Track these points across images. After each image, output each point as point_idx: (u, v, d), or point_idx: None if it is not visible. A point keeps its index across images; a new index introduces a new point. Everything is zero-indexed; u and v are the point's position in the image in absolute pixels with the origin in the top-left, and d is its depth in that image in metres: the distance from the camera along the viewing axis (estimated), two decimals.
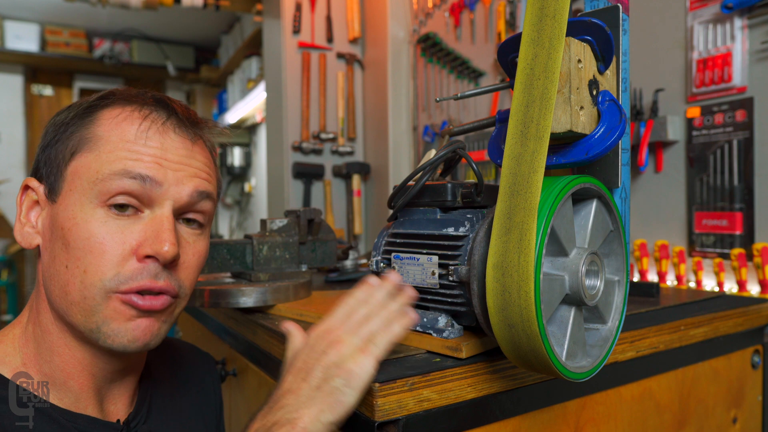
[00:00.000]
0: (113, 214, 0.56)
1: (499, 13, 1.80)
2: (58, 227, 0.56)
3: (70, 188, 0.57)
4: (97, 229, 0.55)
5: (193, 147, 0.61)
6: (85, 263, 0.55)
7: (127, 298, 0.56)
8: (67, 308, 0.56)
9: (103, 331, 0.56)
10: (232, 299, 0.91)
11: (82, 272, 0.55)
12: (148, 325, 0.58)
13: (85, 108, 0.60)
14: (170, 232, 0.57)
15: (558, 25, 0.54)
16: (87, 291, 0.55)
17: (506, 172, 0.55)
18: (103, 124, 0.58)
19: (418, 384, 0.58)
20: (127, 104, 0.60)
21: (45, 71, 4.56)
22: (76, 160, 0.57)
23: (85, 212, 0.55)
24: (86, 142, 0.57)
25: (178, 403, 0.74)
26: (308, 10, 2.37)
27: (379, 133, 2.35)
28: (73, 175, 0.57)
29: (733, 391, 0.96)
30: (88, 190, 0.56)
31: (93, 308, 0.55)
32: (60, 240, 0.56)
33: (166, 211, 0.58)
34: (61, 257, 0.56)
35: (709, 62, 1.21)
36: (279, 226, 1.01)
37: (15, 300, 4.03)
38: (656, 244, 1.31)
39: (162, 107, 0.61)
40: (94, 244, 0.55)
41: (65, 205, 0.56)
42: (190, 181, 0.60)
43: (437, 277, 0.66)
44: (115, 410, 0.65)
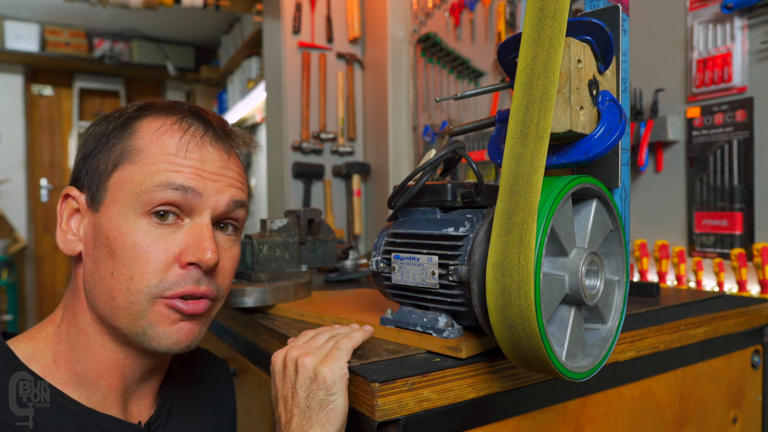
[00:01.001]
0: (155, 223, 0.59)
1: (499, 13, 1.80)
2: (102, 236, 0.59)
3: (114, 198, 0.59)
4: (142, 238, 0.58)
5: (229, 158, 0.65)
6: (131, 270, 0.57)
7: (172, 303, 0.59)
8: (112, 312, 0.59)
9: (149, 334, 0.59)
10: (232, 299, 0.91)
11: (128, 279, 0.58)
12: (190, 328, 0.61)
13: (125, 120, 0.62)
14: (211, 240, 0.60)
15: (558, 25, 0.54)
16: (133, 297, 0.58)
17: (506, 172, 0.55)
18: (144, 136, 0.61)
19: (418, 384, 0.58)
20: (167, 116, 0.63)
21: (45, 71, 4.56)
22: (118, 172, 0.59)
23: (129, 222, 0.58)
24: (128, 154, 0.60)
25: (195, 408, 0.76)
26: (308, 10, 2.37)
27: (379, 133, 2.35)
28: (116, 186, 0.59)
29: (733, 391, 0.96)
30: (132, 201, 0.58)
31: (139, 312, 0.58)
32: (105, 248, 0.58)
33: (206, 220, 0.61)
34: (106, 264, 0.58)
35: (709, 62, 1.21)
36: (279, 226, 1.01)
37: (15, 300, 4.03)
38: (656, 244, 1.31)
39: (199, 120, 0.63)
40: (139, 252, 0.58)
41: (109, 214, 0.59)
42: (227, 191, 0.63)
43: (437, 277, 0.66)
44: (137, 411, 0.66)
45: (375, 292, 1.05)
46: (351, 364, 0.62)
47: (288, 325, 0.85)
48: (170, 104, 0.65)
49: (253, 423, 0.95)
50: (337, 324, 0.76)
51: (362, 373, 0.59)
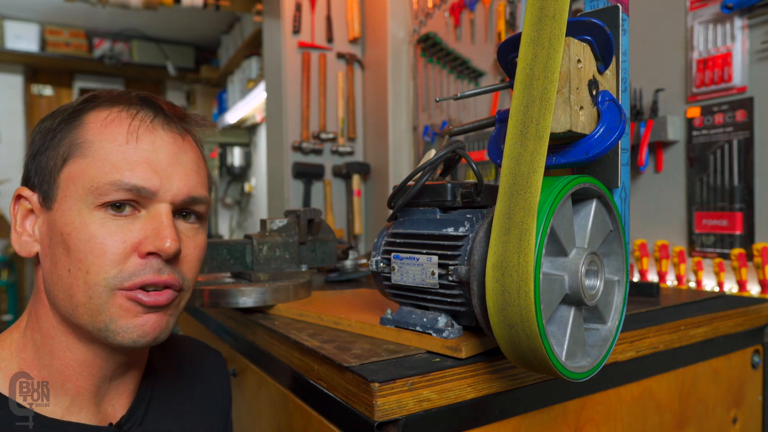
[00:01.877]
0: (111, 214, 0.57)
1: (499, 13, 1.80)
2: (57, 233, 0.57)
3: (65, 194, 0.57)
4: (97, 230, 0.56)
5: (183, 143, 0.62)
6: (87, 264, 0.56)
7: (132, 295, 0.57)
8: (72, 310, 0.57)
9: (111, 329, 0.57)
10: (232, 299, 0.91)
11: (84, 273, 0.56)
12: (156, 320, 0.59)
13: (70, 113, 0.60)
14: (170, 228, 0.58)
15: (558, 25, 0.54)
16: (91, 291, 0.56)
17: (506, 172, 0.55)
18: (92, 128, 0.59)
19: (418, 384, 0.58)
20: (113, 105, 0.61)
21: (45, 71, 4.56)
22: (68, 166, 0.58)
23: (83, 216, 0.56)
24: (77, 147, 0.58)
25: (181, 402, 0.74)
26: (308, 10, 2.37)
27: (379, 133, 2.35)
28: (67, 181, 0.57)
29: (733, 391, 0.96)
30: (84, 196, 0.56)
31: (99, 307, 0.56)
32: (60, 245, 0.57)
33: (164, 209, 0.59)
34: (62, 262, 0.57)
35: (709, 62, 1.21)
36: (279, 226, 1.01)
37: (15, 300, 4.04)
38: (656, 244, 1.31)
39: (148, 105, 0.61)
40: (94, 245, 0.56)
41: (62, 211, 0.57)
42: (184, 184, 0.60)
43: (437, 277, 0.66)
44: (112, 411, 0.64)
45: (375, 292, 1.05)
46: (351, 363, 0.62)
47: (288, 325, 0.85)
48: (118, 94, 0.63)
49: (253, 423, 0.95)
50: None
51: (362, 373, 0.59)
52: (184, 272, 0.61)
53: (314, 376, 0.70)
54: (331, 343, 0.72)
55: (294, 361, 0.76)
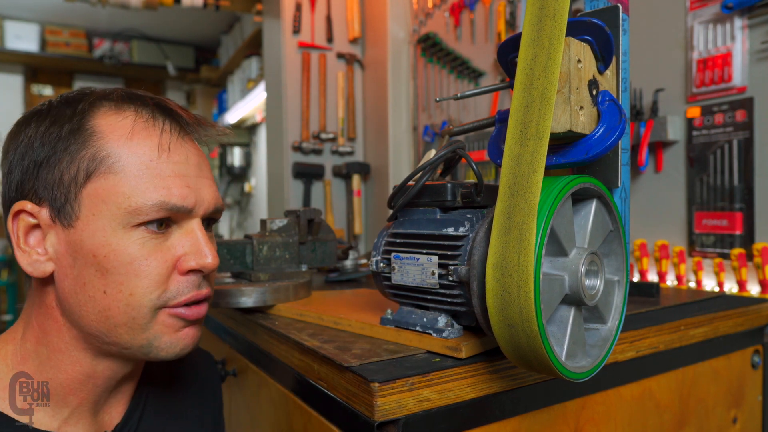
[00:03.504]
0: (150, 233, 0.55)
1: (499, 13, 1.80)
2: (86, 254, 0.54)
3: (94, 212, 0.54)
4: (137, 251, 0.55)
5: (200, 152, 0.62)
6: (131, 287, 0.55)
7: (176, 312, 0.57)
8: (109, 330, 0.56)
9: (155, 345, 0.57)
10: (232, 299, 0.91)
11: (127, 296, 0.55)
12: (194, 332, 0.60)
13: (79, 119, 0.56)
14: (208, 244, 0.59)
15: (558, 25, 0.54)
16: (135, 312, 0.55)
17: (506, 172, 0.55)
18: (113, 138, 0.55)
19: (418, 384, 0.58)
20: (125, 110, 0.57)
21: (45, 71, 4.56)
22: (93, 182, 0.54)
23: (119, 236, 0.54)
24: (101, 162, 0.54)
25: (175, 404, 0.74)
26: (308, 10, 2.37)
27: (379, 133, 2.35)
28: (95, 199, 0.54)
29: (733, 391, 0.96)
30: (120, 216, 0.54)
31: (143, 326, 0.56)
32: (91, 267, 0.54)
33: (197, 224, 0.59)
34: (95, 283, 0.54)
35: (709, 62, 1.21)
36: (279, 226, 1.01)
37: (15, 300, 4.03)
38: (656, 244, 1.31)
39: (168, 114, 0.59)
40: (137, 267, 0.55)
41: (92, 231, 0.54)
42: (211, 195, 0.61)
43: (437, 277, 0.66)
44: (109, 419, 0.64)
45: (375, 292, 1.05)
46: (351, 363, 0.62)
47: (288, 325, 0.85)
48: (124, 95, 0.59)
49: (253, 423, 0.95)
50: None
51: (362, 373, 0.59)
52: (211, 282, 0.62)
53: (314, 376, 0.70)
54: (331, 343, 0.72)
55: (294, 361, 0.76)
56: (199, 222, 0.59)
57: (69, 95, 0.60)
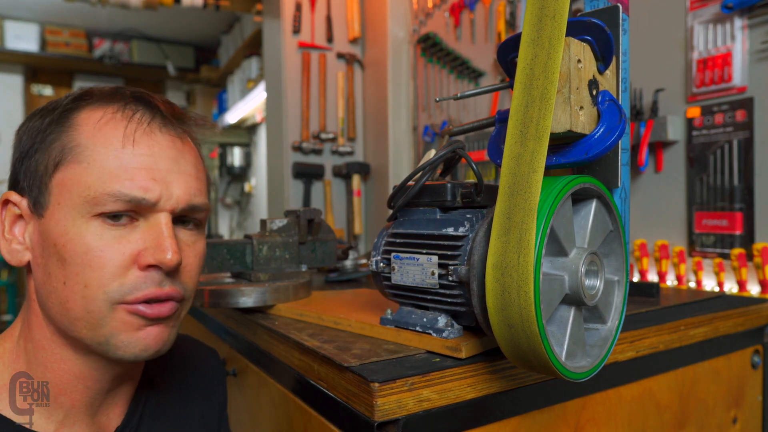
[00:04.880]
0: (108, 224, 0.54)
1: (499, 13, 1.80)
2: (50, 243, 0.54)
3: (58, 201, 0.54)
4: (94, 242, 0.53)
5: (182, 145, 0.59)
6: (86, 278, 0.53)
7: (134, 308, 0.55)
8: (70, 324, 0.55)
9: (113, 343, 0.55)
10: (232, 299, 0.91)
11: (82, 287, 0.53)
12: (158, 332, 0.57)
13: (61, 112, 0.56)
14: (171, 239, 0.55)
15: (558, 25, 0.54)
16: (91, 305, 0.53)
17: (506, 172, 0.55)
18: (85, 130, 0.55)
19: (418, 384, 0.58)
20: (107, 104, 0.57)
21: (45, 71, 4.56)
22: (61, 172, 0.54)
23: (78, 226, 0.53)
24: (70, 152, 0.54)
25: (176, 404, 0.73)
26: (308, 10, 2.37)
27: (379, 133, 2.35)
28: (60, 188, 0.54)
29: (733, 391, 0.96)
30: (80, 204, 0.53)
31: (99, 321, 0.54)
32: (54, 256, 0.54)
33: (164, 219, 0.56)
34: (57, 273, 0.54)
35: (709, 62, 1.21)
36: (279, 226, 1.01)
37: (15, 300, 4.03)
38: (656, 244, 1.31)
39: (144, 105, 0.58)
40: (92, 257, 0.53)
41: (55, 219, 0.54)
42: (184, 192, 0.57)
43: (437, 277, 0.66)
44: (107, 422, 0.63)
45: (375, 292, 1.05)
46: (351, 363, 0.62)
47: (288, 325, 0.85)
48: (110, 91, 0.59)
49: (253, 423, 0.95)
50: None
51: (362, 373, 0.59)
52: (185, 282, 0.59)
53: (314, 376, 0.70)
54: (331, 343, 0.72)
55: (294, 361, 0.76)
56: (167, 217, 0.56)
57: (76, 93, 0.60)
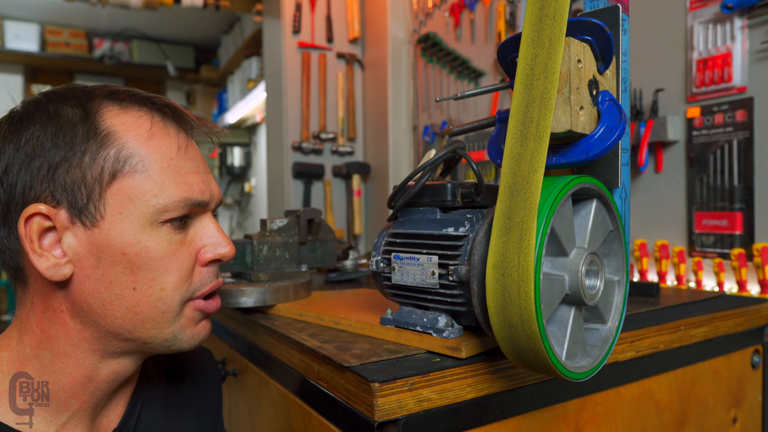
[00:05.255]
0: (173, 230, 0.58)
1: (499, 13, 1.80)
2: (114, 253, 0.55)
3: (120, 211, 0.55)
4: (166, 248, 0.58)
5: (197, 147, 0.65)
6: (162, 282, 0.58)
7: (198, 305, 0.61)
8: (135, 326, 0.58)
9: (179, 338, 0.60)
10: (232, 299, 0.91)
11: (158, 290, 0.57)
12: (209, 324, 0.65)
13: (92, 120, 0.56)
14: (224, 234, 0.63)
15: (558, 25, 0.54)
16: (165, 306, 0.58)
17: (506, 172, 0.55)
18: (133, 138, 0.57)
19: (418, 384, 0.58)
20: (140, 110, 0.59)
21: (45, 71, 4.56)
22: (119, 182, 0.56)
23: (148, 234, 0.57)
24: (124, 162, 0.56)
25: (171, 403, 0.74)
26: (308, 10, 2.37)
27: (379, 133, 2.35)
28: (122, 198, 0.56)
29: (733, 391, 0.96)
30: (148, 214, 0.56)
31: (171, 319, 0.59)
32: (120, 265, 0.56)
33: (211, 217, 0.63)
34: (123, 281, 0.56)
35: (709, 62, 1.21)
36: (279, 226, 1.01)
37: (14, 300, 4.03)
38: (656, 244, 1.31)
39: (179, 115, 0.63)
40: (168, 263, 0.58)
41: (119, 229, 0.55)
42: (218, 189, 0.65)
43: (437, 277, 0.66)
44: (107, 423, 0.64)
45: (375, 292, 1.05)
46: (351, 363, 0.62)
47: (288, 325, 0.85)
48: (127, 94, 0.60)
49: (253, 423, 0.95)
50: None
51: (362, 373, 0.59)
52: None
53: (314, 376, 0.70)
54: (331, 343, 0.72)
55: (294, 361, 0.76)
56: (211, 215, 0.63)
57: (61, 93, 0.59)
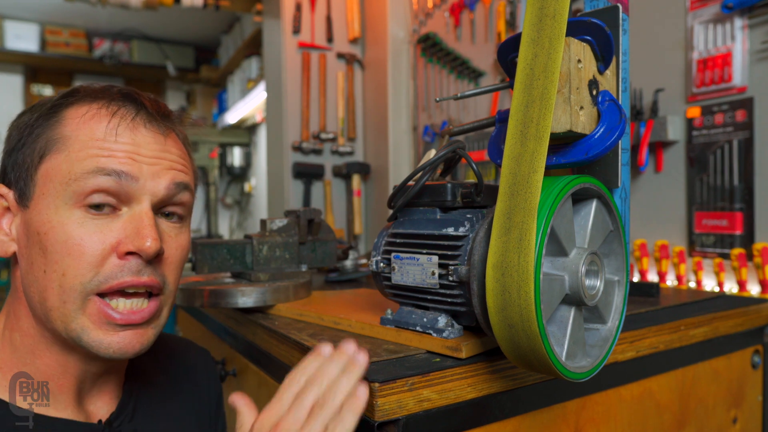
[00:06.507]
0: (90, 214, 0.55)
1: (499, 13, 1.80)
2: (33, 232, 0.55)
3: (42, 192, 0.55)
4: (75, 230, 0.54)
5: (166, 140, 0.60)
6: (64, 266, 0.54)
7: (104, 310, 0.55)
8: (46, 314, 0.55)
9: (85, 341, 0.55)
10: (232, 299, 0.91)
11: (60, 275, 0.54)
12: (133, 335, 0.57)
13: (49, 108, 0.58)
14: (151, 227, 0.56)
15: (558, 25, 0.54)
16: (66, 295, 0.54)
17: (506, 172, 0.55)
18: (70, 123, 0.57)
19: (418, 384, 0.58)
20: (93, 101, 0.59)
21: (45, 71, 4.56)
22: (45, 163, 0.56)
23: (60, 215, 0.54)
24: (54, 143, 0.56)
25: (169, 400, 0.74)
26: (308, 10, 2.37)
27: (379, 133, 2.35)
28: (45, 178, 0.55)
29: (733, 391, 0.96)
30: (62, 192, 0.54)
31: (72, 313, 0.54)
32: (36, 245, 0.55)
33: (145, 207, 0.57)
34: (38, 262, 0.55)
35: (709, 62, 1.21)
36: (279, 226, 1.01)
37: None
38: (656, 244, 1.31)
39: (130, 102, 0.59)
40: (72, 245, 0.53)
41: (39, 209, 0.55)
42: (166, 174, 0.59)
43: (437, 277, 0.66)
44: (95, 410, 0.63)
45: (375, 292, 1.05)
46: None
47: (288, 325, 0.85)
48: (100, 89, 0.60)
49: None
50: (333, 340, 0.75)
51: None
52: (165, 274, 0.59)
53: None
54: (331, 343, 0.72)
55: (294, 361, 0.76)
56: (148, 206, 0.57)
57: (68, 90, 0.61)
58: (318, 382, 0.55)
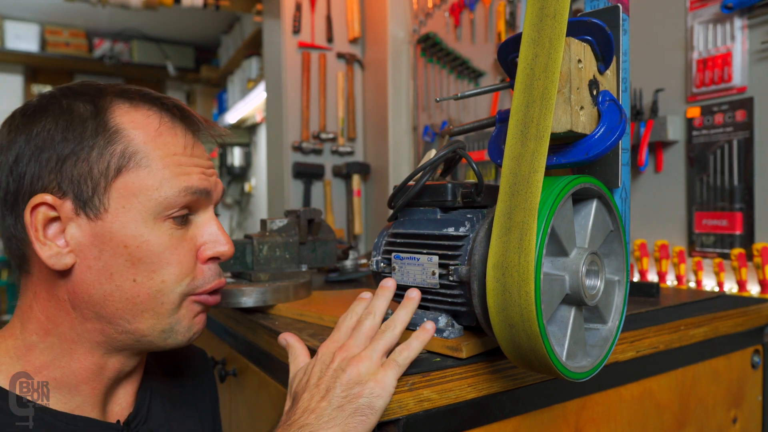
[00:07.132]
0: (175, 225, 0.60)
1: (499, 13, 1.80)
2: (117, 245, 0.57)
3: (124, 205, 0.57)
4: (169, 242, 0.59)
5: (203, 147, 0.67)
6: (163, 275, 0.59)
7: (200, 298, 0.63)
8: (134, 316, 0.59)
9: (176, 330, 0.62)
10: (232, 299, 0.91)
11: (159, 283, 0.59)
12: (204, 316, 0.66)
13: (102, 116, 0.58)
14: (225, 232, 0.64)
15: (558, 25, 0.54)
16: (164, 297, 0.60)
17: (506, 172, 0.55)
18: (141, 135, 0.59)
19: (418, 384, 0.58)
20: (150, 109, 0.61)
21: (45, 71, 4.56)
22: (124, 176, 0.58)
23: (151, 228, 0.58)
24: (131, 158, 0.58)
25: (175, 400, 0.75)
26: (308, 10, 2.37)
27: (379, 133, 2.35)
28: (126, 192, 0.57)
29: (733, 391, 0.96)
30: (151, 207, 0.58)
31: (169, 311, 0.61)
32: (121, 257, 0.57)
33: (211, 213, 0.65)
34: (124, 273, 0.58)
35: (709, 62, 1.21)
36: (279, 226, 1.01)
37: (15, 300, 4.03)
38: (656, 244, 1.31)
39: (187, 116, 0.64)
40: (170, 256, 0.59)
41: (123, 222, 0.57)
42: (219, 183, 0.66)
43: (437, 277, 0.66)
44: (119, 410, 0.66)
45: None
46: None
47: (288, 325, 0.85)
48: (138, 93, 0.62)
49: (253, 423, 0.95)
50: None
51: None
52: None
53: None
54: None
55: None
56: (213, 212, 0.65)
57: (75, 89, 0.61)
58: (371, 315, 0.61)
